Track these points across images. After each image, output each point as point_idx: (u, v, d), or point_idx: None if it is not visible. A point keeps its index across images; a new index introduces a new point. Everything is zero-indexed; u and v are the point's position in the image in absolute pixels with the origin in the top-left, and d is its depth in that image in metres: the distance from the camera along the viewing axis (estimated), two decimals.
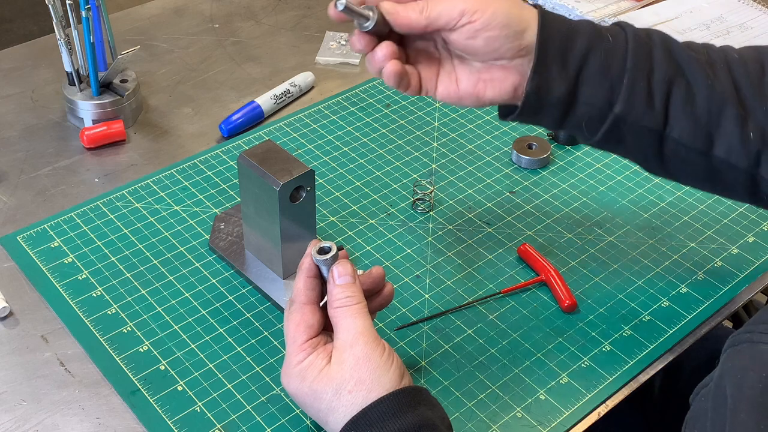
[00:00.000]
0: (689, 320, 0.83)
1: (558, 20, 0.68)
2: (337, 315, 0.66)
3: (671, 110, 0.68)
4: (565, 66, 0.66)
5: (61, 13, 0.95)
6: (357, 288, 0.67)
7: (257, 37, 1.22)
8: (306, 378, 0.64)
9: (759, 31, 1.24)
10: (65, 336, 0.78)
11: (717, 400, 0.57)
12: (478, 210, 0.94)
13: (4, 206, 0.92)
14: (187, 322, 0.80)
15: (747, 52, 0.71)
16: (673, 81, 0.68)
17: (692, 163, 0.70)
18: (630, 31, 0.69)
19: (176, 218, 0.91)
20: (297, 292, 0.68)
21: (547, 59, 0.66)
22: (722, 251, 0.90)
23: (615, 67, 0.67)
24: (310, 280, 0.68)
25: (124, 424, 0.71)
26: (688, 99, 0.68)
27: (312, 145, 1.02)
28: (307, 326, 0.66)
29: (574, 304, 0.82)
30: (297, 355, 0.66)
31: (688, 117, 0.68)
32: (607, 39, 0.68)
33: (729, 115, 0.67)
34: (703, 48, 0.71)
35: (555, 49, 0.66)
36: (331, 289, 0.67)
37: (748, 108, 0.68)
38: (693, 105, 0.68)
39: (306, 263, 0.68)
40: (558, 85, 0.67)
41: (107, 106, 1.01)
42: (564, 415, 0.74)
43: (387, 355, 0.64)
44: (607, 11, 1.28)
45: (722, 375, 0.57)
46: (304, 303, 0.67)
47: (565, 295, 0.82)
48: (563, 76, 0.66)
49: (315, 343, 0.66)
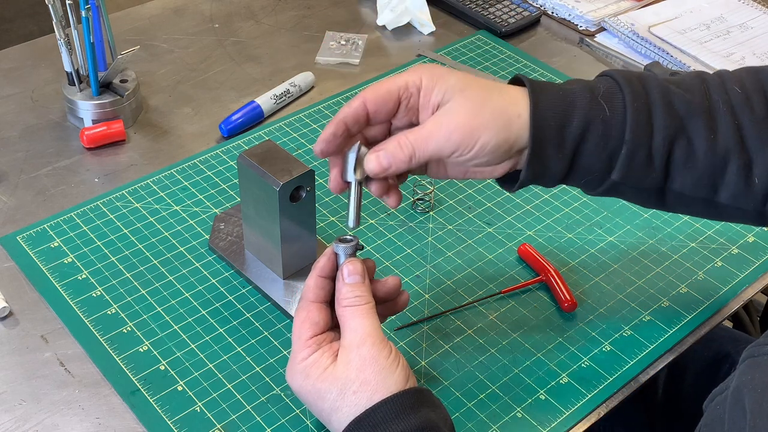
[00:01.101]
0: (689, 320, 0.83)
1: (550, 99, 0.64)
2: (344, 314, 0.66)
3: (672, 168, 0.66)
4: (562, 146, 0.64)
5: (61, 13, 0.95)
6: (366, 288, 0.66)
7: (257, 37, 1.22)
8: (310, 376, 0.65)
9: (759, 31, 1.24)
10: (65, 336, 0.78)
11: (735, 412, 0.57)
12: (478, 210, 0.94)
13: (4, 206, 0.92)
14: (187, 322, 0.80)
15: (750, 84, 0.67)
16: (674, 140, 0.65)
17: (696, 206, 0.69)
18: (627, 90, 0.65)
19: (176, 218, 0.91)
20: (306, 290, 0.68)
21: (543, 147, 0.64)
22: (722, 251, 0.90)
23: (614, 139, 0.64)
24: (321, 279, 0.68)
25: (124, 424, 0.71)
26: (690, 156, 0.65)
27: (312, 145, 1.02)
28: (313, 323, 0.66)
29: (575, 304, 0.82)
30: (302, 351, 0.66)
31: (690, 172, 0.66)
32: (603, 108, 0.64)
33: (732, 166, 0.65)
34: (701, 87, 0.67)
35: (551, 133, 0.64)
36: (340, 287, 0.67)
37: (753, 153, 0.65)
38: (694, 161, 0.65)
39: (321, 262, 0.68)
40: (555, 164, 0.65)
41: (107, 106, 1.01)
42: (564, 415, 0.74)
43: (393, 357, 0.64)
44: (607, 11, 1.28)
45: (740, 386, 0.57)
46: (312, 301, 0.68)
47: (566, 296, 0.82)
48: (560, 156, 0.65)
49: (320, 340, 0.66)
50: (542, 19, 1.30)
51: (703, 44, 1.20)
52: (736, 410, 0.56)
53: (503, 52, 1.20)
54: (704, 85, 0.67)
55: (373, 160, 0.66)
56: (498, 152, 0.64)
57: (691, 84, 0.67)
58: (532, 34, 1.27)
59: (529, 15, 1.27)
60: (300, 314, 0.67)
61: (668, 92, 0.66)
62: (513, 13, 1.26)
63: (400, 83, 0.65)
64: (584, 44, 1.25)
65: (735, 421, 0.57)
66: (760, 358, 0.57)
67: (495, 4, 1.28)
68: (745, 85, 0.67)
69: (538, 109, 0.64)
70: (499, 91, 0.65)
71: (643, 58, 1.20)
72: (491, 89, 0.65)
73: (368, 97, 0.65)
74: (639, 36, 1.21)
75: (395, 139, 0.65)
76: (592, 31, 1.26)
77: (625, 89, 0.65)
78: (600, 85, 0.66)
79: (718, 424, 0.59)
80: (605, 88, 0.66)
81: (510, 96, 0.65)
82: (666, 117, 0.64)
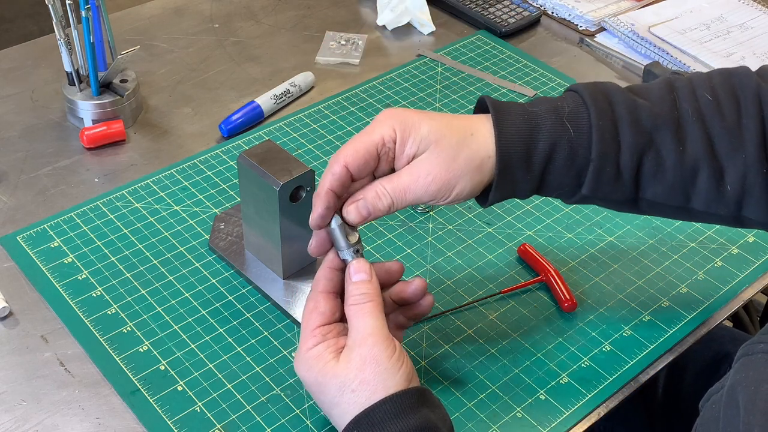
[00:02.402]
0: (689, 320, 0.83)
1: (516, 124, 0.66)
2: (350, 312, 0.66)
3: (642, 180, 0.67)
4: (530, 168, 0.66)
5: (61, 13, 0.95)
6: (372, 286, 0.67)
7: (257, 37, 1.22)
8: (312, 369, 0.65)
9: (759, 31, 1.24)
10: (65, 336, 0.78)
11: (729, 409, 0.57)
12: (478, 210, 0.94)
13: (4, 206, 0.92)
14: (187, 322, 0.80)
15: (721, 89, 0.68)
16: (642, 154, 0.66)
17: (670, 212, 0.70)
18: (592, 108, 0.66)
19: (176, 218, 0.91)
20: (316, 281, 0.69)
21: (510, 170, 0.66)
22: (722, 251, 0.90)
23: (580, 157, 0.66)
24: (330, 271, 0.69)
25: (124, 424, 0.71)
26: (659, 167, 0.66)
27: (312, 145, 1.02)
28: (319, 313, 0.67)
29: (575, 304, 0.82)
30: (307, 341, 0.66)
31: (660, 182, 0.67)
32: (568, 129, 0.66)
33: (702, 175, 0.66)
34: (670, 96, 0.67)
35: (517, 157, 0.65)
36: (347, 286, 0.67)
37: (724, 160, 0.66)
38: (664, 172, 0.66)
39: (331, 255, 0.69)
40: (523, 184, 0.67)
41: (107, 106, 1.01)
42: (564, 415, 0.74)
43: (396, 358, 0.64)
44: (607, 11, 1.28)
45: (735, 384, 0.57)
46: (320, 291, 0.68)
47: (566, 296, 0.82)
48: (529, 177, 0.66)
49: (326, 330, 0.67)
50: (542, 19, 1.30)
51: (703, 44, 1.20)
52: (731, 408, 0.57)
53: (503, 52, 1.20)
54: (673, 94, 0.68)
55: (353, 212, 0.67)
56: (473, 193, 0.67)
57: (659, 95, 0.68)
58: (532, 34, 1.27)
59: (529, 15, 1.27)
60: (308, 305, 0.68)
61: (635, 106, 0.66)
62: (513, 13, 1.26)
63: (376, 140, 0.66)
64: (584, 44, 1.25)
65: (729, 419, 0.57)
66: (754, 356, 0.57)
67: (495, 4, 1.28)
68: (717, 90, 0.68)
69: (502, 135, 0.65)
70: (471, 134, 0.66)
71: (643, 58, 1.20)
72: (463, 136, 0.66)
73: (348, 160, 0.66)
74: (639, 36, 1.21)
75: (373, 188, 0.67)
76: (592, 31, 1.26)
77: (591, 107, 0.66)
78: (565, 104, 0.67)
79: (714, 423, 0.59)
80: (570, 108, 0.67)
81: (480, 137, 0.66)
82: (633, 133, 0.65)
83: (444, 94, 1.11)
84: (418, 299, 0.71)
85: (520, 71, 1.16)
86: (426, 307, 0.72)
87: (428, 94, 1.11)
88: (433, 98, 1.11)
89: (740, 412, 0.55)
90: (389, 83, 1.13)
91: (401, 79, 1.14)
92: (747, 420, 0.54)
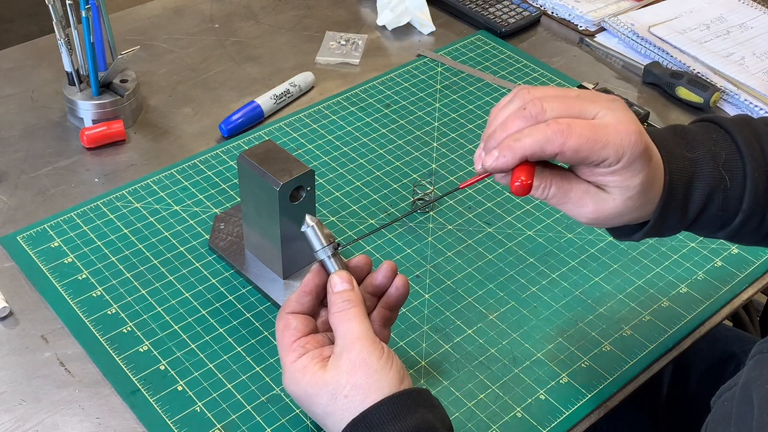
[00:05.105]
0: (689, 320, 0.83)
1: (680, 168, 0.65)
2: (335, 320, 0.66)
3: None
4: (684, 216, 0.66)
5: (61, 13, 0.95)
6: (354, 293, 0.66)
7: (257, 37, 1.22)
8: (300, 382, 0.64)
9: (759, 31, 1.24)
10: (65, 336, 0.78)
11: (742, 407, 0.57)
12: (478, 210, 0.94)
13: (4, 206, 0.92)
14: (187, 322, 0.80)
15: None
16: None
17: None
18: (748, 158, 0.66)
19: (176, 218, 0.91)
20: (285, 303, 0.68)
21: (666, 218, 0.66)
22: (722, 251, 0.90)
23: (731, 208, 0.67)
24: (303, 295, 0.68)
25: (124, 424, 0.71)
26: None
27: (312, 145, 1.02)
28: (293, 328, 0.67)
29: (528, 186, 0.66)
30: (289, 355, 0.66)
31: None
32: (724, 179, 0.66)
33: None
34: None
35: (675, 207, 0.65)
36: (330, 297, 0.67)
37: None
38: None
39: (306, 278, 0.68)
40: (673, 229, 0.68)
41: (107, 106, 1.01)
42: (564, 415, 0.74)
43: (386, 359, 0.64)
44: (607, 11, 1.28)
45: (749, 382, 0.57)
46: (287, 312, 0.68)
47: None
48: (680, 224, 0.67)
49: (305, 342, 0.66)
50: (542, 19, 1.30)
51: (702, 44, 1.20)
52: (744, 406, 0.57)
53: (503, 52, 1.20)
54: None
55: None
56: (631, 189, 0.63)
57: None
58: (532, 34, 1.27)
59: (529, 15, 1.27)
60: (278, 325, 0.68)
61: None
62: (513, 13, 1.26)
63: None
64: (584, 44, 1.25)
65: (742, 417, 0.57)
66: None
67: (495, 4, 1.28)
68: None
69: (670, 177, 0.65)
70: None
71: (643, 58, 1.20)
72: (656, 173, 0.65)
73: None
74: (639, 36, 1.21)
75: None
76: (592, 31, 1.26)
77: (746, 157, 0.66)
78: (721, 151, 0.67)
79: (726, 420, 0.59)
80: (726, 156, 0.67)
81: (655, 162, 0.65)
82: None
83: (444, 94, 1.11)
84: (390, 282, 0.70)
85: (520, 71, 1.16)
86: (401, 288, 0.70)
87: (428, 94, 1.11)
88: (433, 98, 1.11)
89: (754, 410, 0.55)
90: (389, 83, 1.13)
91: (401, 79, 1.14)
92: (761, 418, 0.54)
